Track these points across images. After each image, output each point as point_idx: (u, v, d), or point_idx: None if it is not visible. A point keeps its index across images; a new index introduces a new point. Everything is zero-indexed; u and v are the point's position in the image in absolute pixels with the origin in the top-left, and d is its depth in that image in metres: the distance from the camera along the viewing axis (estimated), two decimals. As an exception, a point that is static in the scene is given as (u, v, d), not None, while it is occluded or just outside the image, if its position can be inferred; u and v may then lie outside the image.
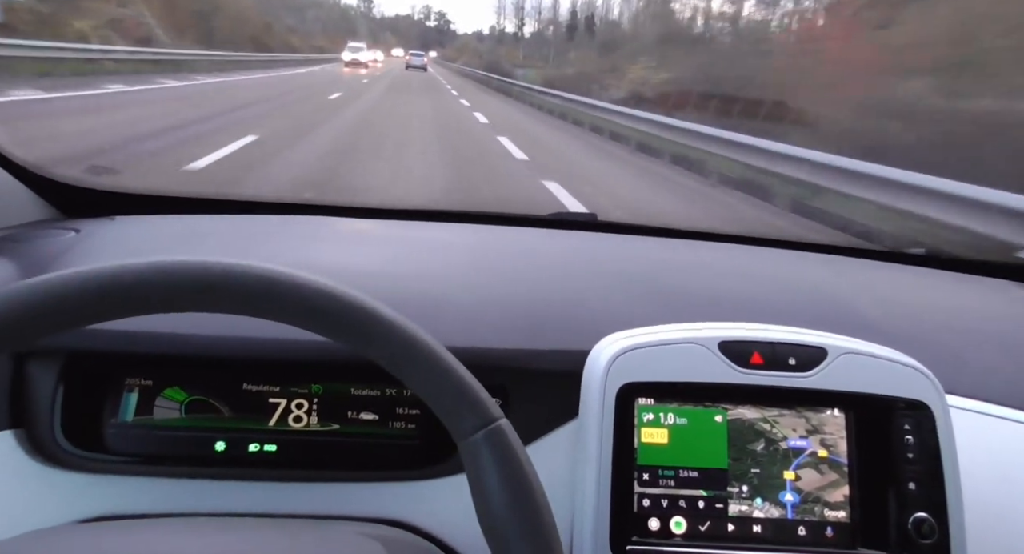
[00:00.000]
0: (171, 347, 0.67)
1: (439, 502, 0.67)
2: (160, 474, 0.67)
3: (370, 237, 1.04)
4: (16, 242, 0.85)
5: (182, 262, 0.41)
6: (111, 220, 0.97)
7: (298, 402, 0.70)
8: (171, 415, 0.68)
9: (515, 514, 0.42)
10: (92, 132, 6.87)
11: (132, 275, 0.41)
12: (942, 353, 0.80)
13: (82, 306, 0.40)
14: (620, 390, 0.65)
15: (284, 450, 0.69)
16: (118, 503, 0.65)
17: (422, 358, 0.44)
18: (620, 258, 1.03)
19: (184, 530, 0.54)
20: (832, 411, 0.68)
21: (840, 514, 0.66)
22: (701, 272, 0.98)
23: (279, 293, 0.42)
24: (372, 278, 0.81)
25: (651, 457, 0.66)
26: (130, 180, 1.02)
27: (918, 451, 0.66)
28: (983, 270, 1.16)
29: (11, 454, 0.64)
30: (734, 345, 0.67)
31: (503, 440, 0.43)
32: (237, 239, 0.96)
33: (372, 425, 0.70)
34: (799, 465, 0.67)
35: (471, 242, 1.03)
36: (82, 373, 0.68)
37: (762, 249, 1.14)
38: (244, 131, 7.47)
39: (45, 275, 0.40)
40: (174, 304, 0.41)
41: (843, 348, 0.68)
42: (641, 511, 0.65)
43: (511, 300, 0.81)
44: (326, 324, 0.43)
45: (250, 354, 0.67)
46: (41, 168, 0.96)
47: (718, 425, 0.67)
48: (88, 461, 0.65)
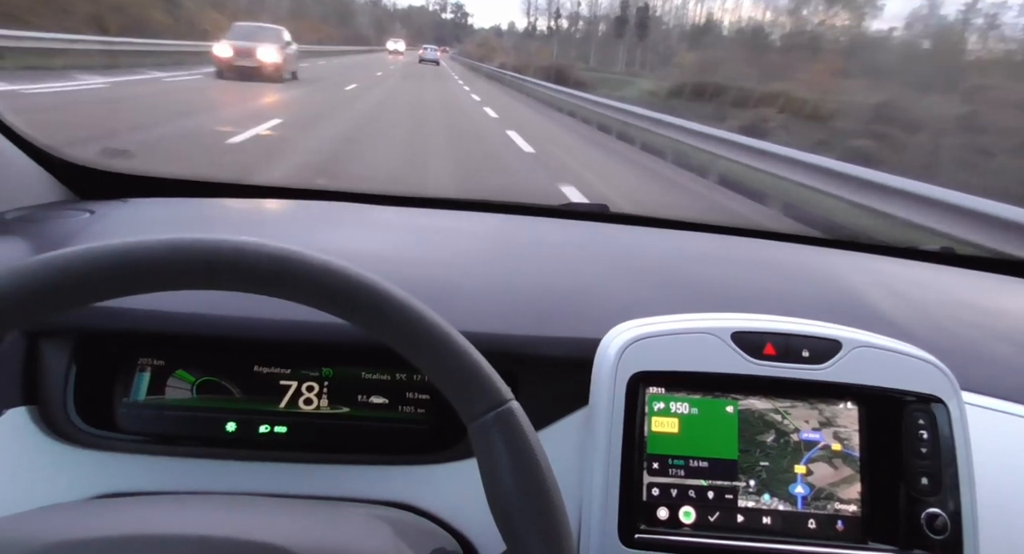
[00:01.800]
0: (183, 327, 0.67)
1: (448, 486, 0.67)
2: (171, 454, 0.67)
3: (383, 223, 1.04)
4: (31, 222, 0.86)
5: (194, 239, 0.41)
6: (124, 202, 0.97)
7: (308, 385, 0.70)
8: (182, 395, 0.69)
9: (525, 496, 0.42)
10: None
11: (144, 251, 0.40)
12: (957, 349, 0.79)
13: (94, 282, 0.39)
14: (631, 379, 0.65)
15: (294, 432, 0.69)
16: (129, 481, 0.66)
17: (433, 339, 0.43)
18: (632, 249, 1.02)
19: (196, 507, 0.55)
20: (845, 404, 0.67)
21: (851, 507, 0.65)
22: (713, 264, 0.97)
23: (291, 272, 0.42)
24: (384, 262, 0.81)
25: (661, 446, 0.65)
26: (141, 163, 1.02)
27: (932, 446, 0.65)
28: (998, 268, 1.15)
29: (25, 430, 0.65)
30: (747, 336, 0.67)
31: (513, 422, 0.43)
32: (249, 222, 0.96)
33: (382, 409, 0.70)
34: (811, 458, 0.66)
35: (484, 230, 1.03)
36: (95, 352, 0.68)
37: (775, 243, 1.13)
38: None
39: (56, 251, 0.40)
40: (186, 281, 0.41)
41: (858, 341, 0.67)
42: (650, 500, 0.64)
43: (522, 287, 0.80)
44: (337, 303, 0.43)
45: (262, 335, 0.68)
46: (57, 150, 0.97)
47: (729, 416, 0.66)
48: (100, 439, 0.66)
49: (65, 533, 0.45)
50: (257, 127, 7.71)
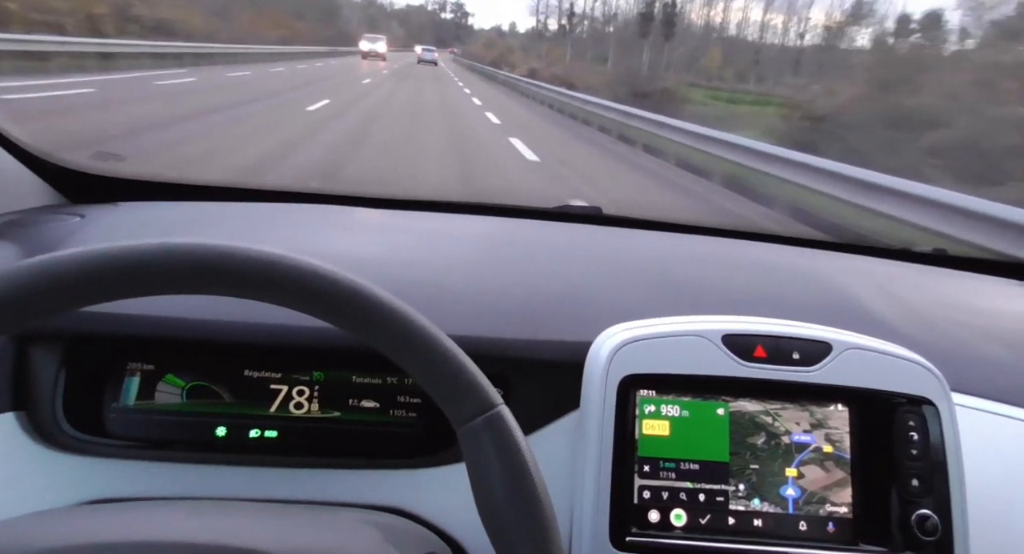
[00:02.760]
0: (173, 331, 0.67)
1: (439, 491, 0.67)
2: (161, 458, 0.67)
3: (374, 226, 1.04)
4: (21, 226, 0.85)
5: (183, 243, 0.41)
6: (115, 206, 0.97)
7: (299, 389, 0.70)
8: (172, 400, 0.68)
9: (514, 501, 0.42)
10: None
11: (133, 256, 0.40)
12: (948, 350, 0.79)
13: (82, 286, 0.39)
14: (622, 381, 0.65)
15: (285, 436, 0.69)
16: (119, 487, 0.65)
17: (421, 343, 0.43)
18: (624, 251, 1.02)
19: (184, 512, 0.54)
20: (836, 406, 0.68)
21: (842, 509, 0.65)
22: (706, 266, 0.97)
23: (279, 276, 0.42)
24: (374, 265, 0.81)
25: (652, 449, 0.65)
26: (131, 166, 1.01)
27: (923, 448, 0.65)
28: (990, 269, 1.15)
29: (14, 436, 0.65)
30: (738, 338, 0.67)
31: (503, 426, 0.43)
32: (241, 226, 0.96)
33: (373, 413, 0.70)
34: (802, 460, 0.66)
35: (476, 233, 1.03)
36: (84, 357, 0.68)
37: (768, 245, 1.13)
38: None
39: (45, 254, 0.40)
40: (175, 285, 0.41)
41: (848, 343, 0.67)
42: (641, 503, 0.64)
43: (514, 290, 0.80)
44: (325, 308, 0.43)
45: (252, 339, 0.67)
46: (48, 154, 0.97)
47: (720, 418, 0.66)
48: (90, 445, 0.66)
49: (53, 540, 0.45)
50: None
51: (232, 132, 7.80)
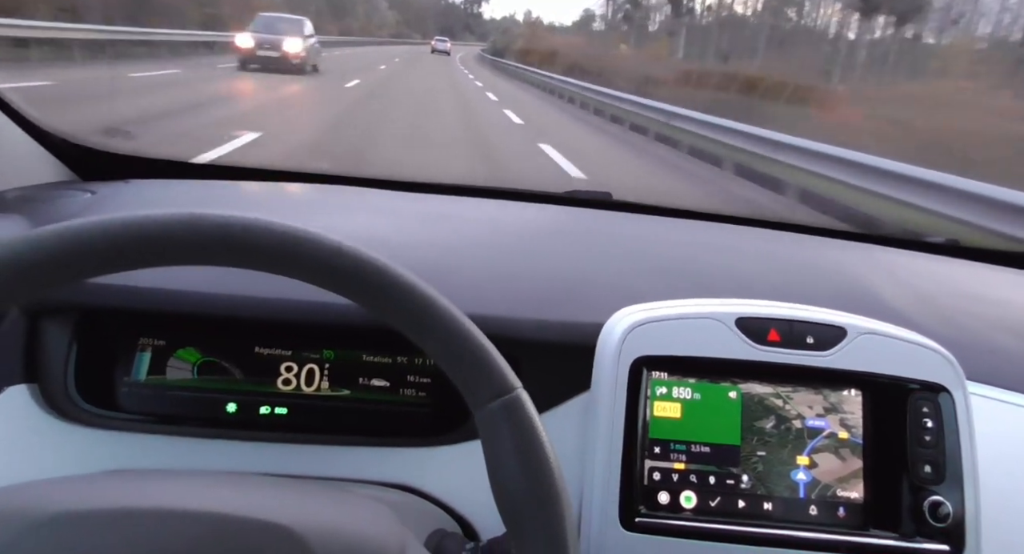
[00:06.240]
0: (185, 305, 0.67)
1: (448, 468, 0.67)
2: (172, 433, 0.67)
3: (386, 207, 1.03)
4: (32, 201, 0.85)
5: (203, 214, 0.40)
6: (126, 183, 0.97)
7: (310, 367, 0.70)
8: (183, 376, 0.69)
9: (529, 485, 0.41)
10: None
11: (153, 225, 0.40)
12: (962, 339, 0.78)
13: (99, 254, 0.39)
14: (633, 363, 0.65)
15: (295, 413, 0.69)
16: (130, 460, 0.66)
17: (442, 324, 0.43)
18: (636, 236, 1.01)
19: (203, 483, 0.54)
20: (849, 391, 0.67)
21: (853, 494, 0.65)
22: (717, 253, 0.96)
23: (300, 250, 0.41)
24: (387, 246, 0.81)
25: (663, 431, 0.65)
26: (145, 145, 1.00)
27: (936, 434, 0.64)
28: (1002, 260, 1.14)
29: (27, 407, 0.65)
30: (751, 321, 0.66)
31: (520, 410, 0.42)
32: (252, 204, 0.96)
33: (383, 392, 0.70)
34: (815, 445, 0.66)
35: (488, 216, 1.03)
36: (96, 331, 0.68)
37: (780, 233, 1.13)
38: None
39: (62, 222, 0.39)
40: (192, 256, 0.41)
41: (863, 328, 0.67)
42: (651, 484, 0.64)
43: (526, 273, 0.80)
44: (345, 284, 0.42)
45: (263, 315, 0.67)
46: (60, 131, 0.96)
47: (732, 401, 0.66)
48: (101, 418, 0.66)
49: (71, 504, 0.45)
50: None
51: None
